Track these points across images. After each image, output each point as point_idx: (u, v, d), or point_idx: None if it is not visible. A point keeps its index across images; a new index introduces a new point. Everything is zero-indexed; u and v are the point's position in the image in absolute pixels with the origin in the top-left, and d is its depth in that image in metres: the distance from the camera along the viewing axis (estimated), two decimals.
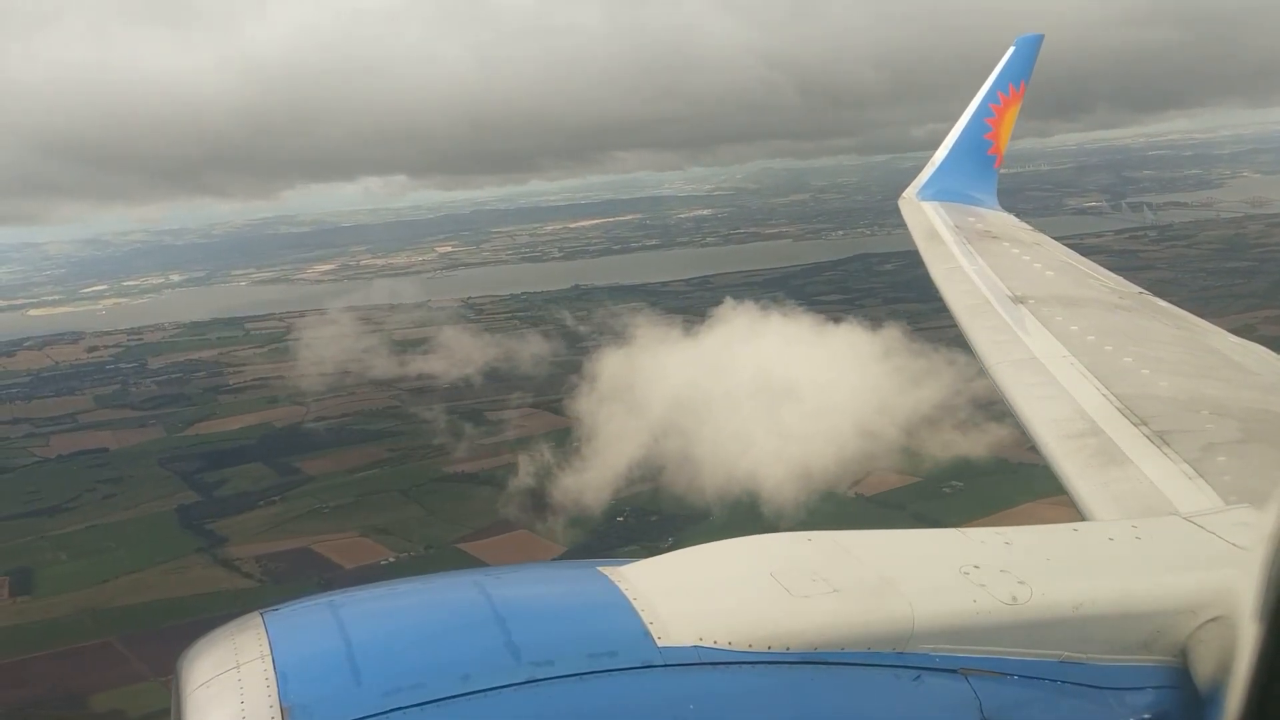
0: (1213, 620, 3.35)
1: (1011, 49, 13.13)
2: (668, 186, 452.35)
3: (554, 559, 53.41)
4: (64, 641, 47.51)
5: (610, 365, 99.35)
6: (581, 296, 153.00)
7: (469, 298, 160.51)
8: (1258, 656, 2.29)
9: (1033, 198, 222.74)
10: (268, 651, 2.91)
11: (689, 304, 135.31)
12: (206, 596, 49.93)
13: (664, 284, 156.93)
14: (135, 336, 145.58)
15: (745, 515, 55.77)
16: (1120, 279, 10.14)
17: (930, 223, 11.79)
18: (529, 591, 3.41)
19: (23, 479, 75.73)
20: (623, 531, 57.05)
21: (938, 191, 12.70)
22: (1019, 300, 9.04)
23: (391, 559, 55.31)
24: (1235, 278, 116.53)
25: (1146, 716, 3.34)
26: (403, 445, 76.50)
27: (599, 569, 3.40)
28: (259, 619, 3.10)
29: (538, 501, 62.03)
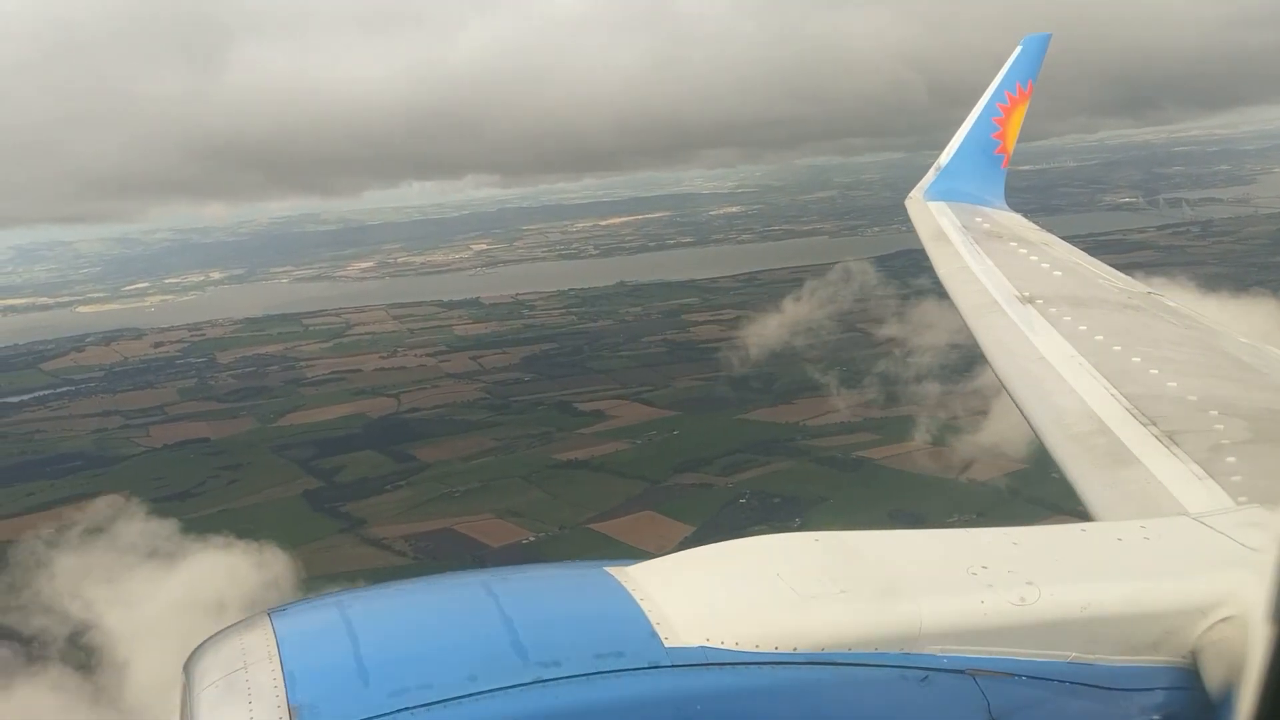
0: (1223, 621, 3.33)
1: (1019, 48, 13.03)
2: (687, 184, 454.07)
3: (680, 540, 56.03)
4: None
5: (695, 357, 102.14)
6: (632, 292, 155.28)
7: (517, 294, 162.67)
8: (1270, 657, 2.25)
9: (1065, 194, 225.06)
10: (275, 651, 2.94)
11: (744, 299, 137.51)
12: (369, 572, 52.41)
13: (712, 280, 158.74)
14: (197, 332, 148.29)
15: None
16: (1128, 278, 10.06)
17: (937, 223, 11.73)
18: (536, 591, 3.44)
19: (141, 467, 78.59)
20: (746, 512, 59.56)
21: (944, 192, 12.61)
22: (1027, 300, 9.02)
23: (531, 538, 58.02)
24: None
25: (1156, 718, 3.33)
26: (506, 434, 79.00)
27: (606, 569, 3.44)
28: (266, 619, 3.13)
29: (654, 484, 64.86)
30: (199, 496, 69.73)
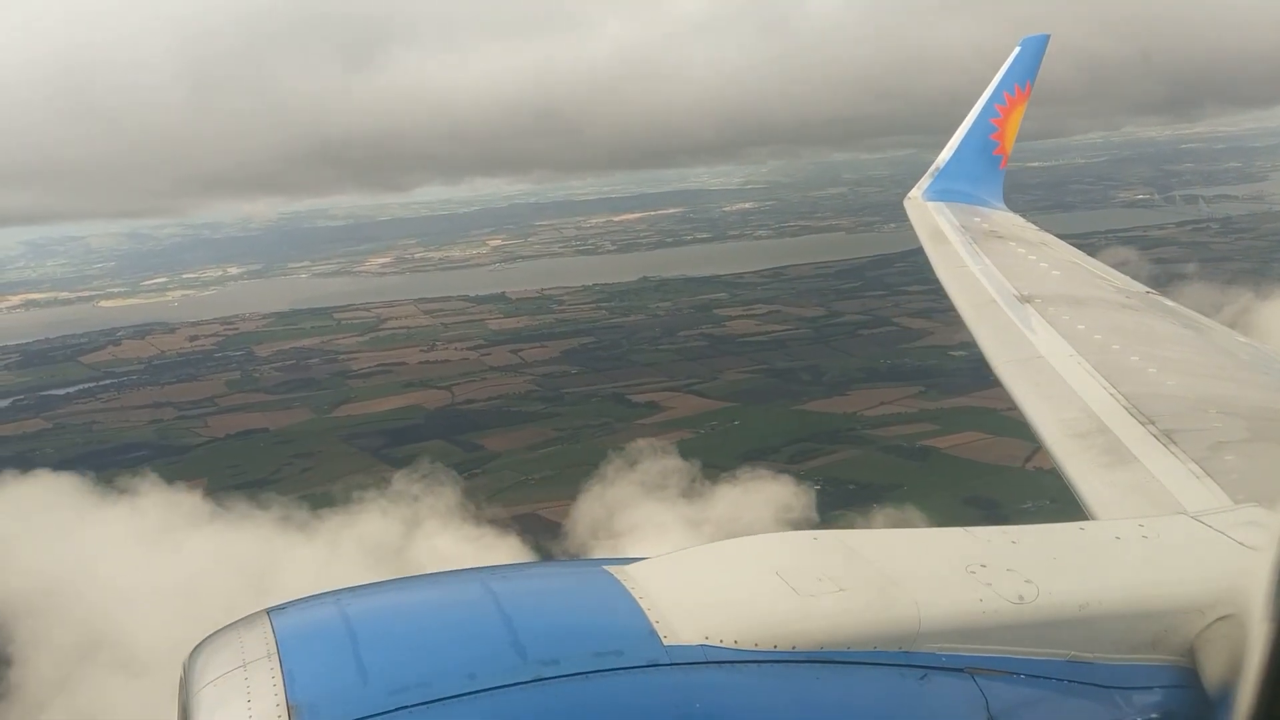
0: (1221, 619, 3.34)
1: (1017, 49, 13.07)
2: (693, 180, 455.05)
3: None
4: None
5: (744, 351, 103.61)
6: (658, 288, 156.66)
7: (543, 290, 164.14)
8: (1268, 656, 2.26)
9: (1077, 191, 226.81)
10: (274, 650, 2.95)
11: (774, 294, 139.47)
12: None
13: (737, 276, 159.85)
14: (229, 326, 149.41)
15: None
16: (1127, 278, 10.10)
17: (936, 223, 11.82)
18: (535, 590, 3.45)
19: (210, 455, 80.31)
20: (823, 499, 61.39)
21: (943, 192, 12.70)
22: (1025, 300, 9.07)
23: None
24: None
25: (1154, 716, 3.33)
26: (566, 425, 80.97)
27: (605, 568, 3.45)
28: (265, 617, 3.14)
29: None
30: (276, 483, 71.38)
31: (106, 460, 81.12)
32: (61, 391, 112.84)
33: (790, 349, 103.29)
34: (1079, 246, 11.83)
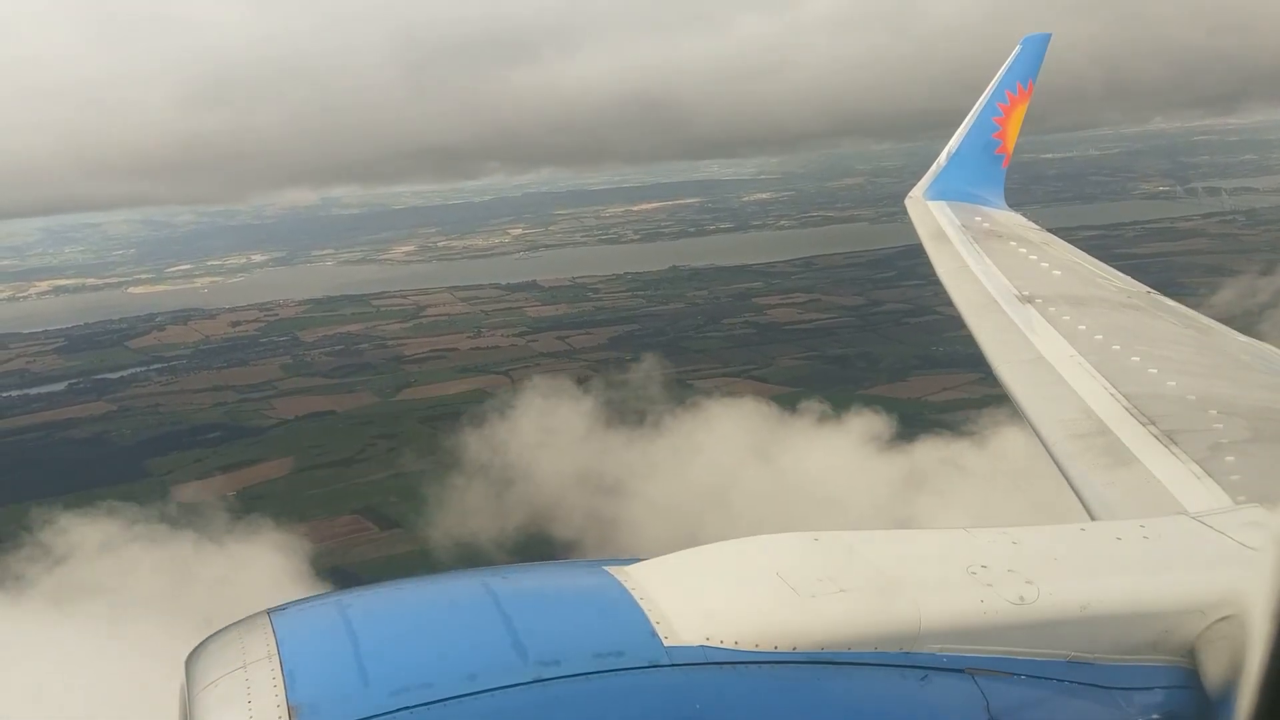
0: (1222, 620, 3.36)
1: (1018, 48, 13.03)
2: (702, 171, 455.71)
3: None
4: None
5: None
6: (690, 277, 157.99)
7: (574, 278, 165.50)
8: (1269, 656, 2.26)
9: (1095, 183, 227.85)
10: (275, 651, 2.99)
11: (811, 284, 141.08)
12: None
13: (768, 265, 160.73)
14: (268, 312, 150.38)
15: None
16: (1128, 278, 10.05)
17: (937, 222, 11.83)
18: (535, 590, 3.48)
19: (290, 435, 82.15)
20: None
21: (944, 191, 12.67)
22: (1026, 300, 9.07)
23: None
24: None
25: (1155, 717, 3.35)
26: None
27: (605, 568, 3.50)
28: (266, 618, 3.19)
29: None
30: (363, 462, 73.53)
31: (186, 441, 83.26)
32: (114, 375, 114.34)
33: (839, 336, 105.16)
34: (1106, 238, 12.94)
